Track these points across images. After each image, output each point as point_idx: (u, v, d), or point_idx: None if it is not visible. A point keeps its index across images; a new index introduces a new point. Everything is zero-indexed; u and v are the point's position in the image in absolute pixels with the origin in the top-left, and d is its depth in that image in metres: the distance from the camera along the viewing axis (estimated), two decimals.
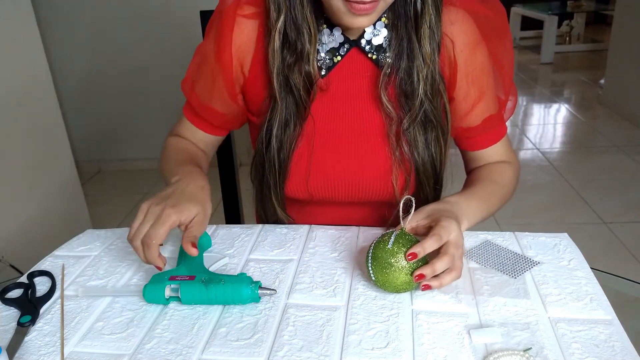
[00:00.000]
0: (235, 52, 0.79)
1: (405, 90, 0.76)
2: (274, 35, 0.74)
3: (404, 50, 0.75)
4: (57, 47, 2.80)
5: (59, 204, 1.94)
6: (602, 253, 2.01)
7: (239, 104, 0.84)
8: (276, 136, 0.79)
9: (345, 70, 0.79)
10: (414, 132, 0.78)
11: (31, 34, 1.81)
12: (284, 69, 0.75)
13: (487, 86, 0.81)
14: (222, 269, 0.72)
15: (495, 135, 0.85)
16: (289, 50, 0.75)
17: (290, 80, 0.76)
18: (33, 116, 1.81)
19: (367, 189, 0.82)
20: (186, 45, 2.76)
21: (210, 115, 0.86)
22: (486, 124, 0.83)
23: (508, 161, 0.87)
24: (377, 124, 0.80)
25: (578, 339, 0.56)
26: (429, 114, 0.77)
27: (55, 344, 0.59)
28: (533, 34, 6.07)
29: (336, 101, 0.80)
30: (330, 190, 0.83)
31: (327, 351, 0.55)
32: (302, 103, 0.77)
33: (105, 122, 3.04)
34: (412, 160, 0.79)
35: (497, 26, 0.81)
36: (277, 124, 0.78)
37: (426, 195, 0.83)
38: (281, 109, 0.77)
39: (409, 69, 0.75)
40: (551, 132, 3.45)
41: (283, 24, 0.73)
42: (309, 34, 0.73)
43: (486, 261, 0.70)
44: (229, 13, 0.78)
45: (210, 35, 0.81)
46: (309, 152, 0.81)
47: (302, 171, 0.81)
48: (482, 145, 0.86)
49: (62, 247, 0.81)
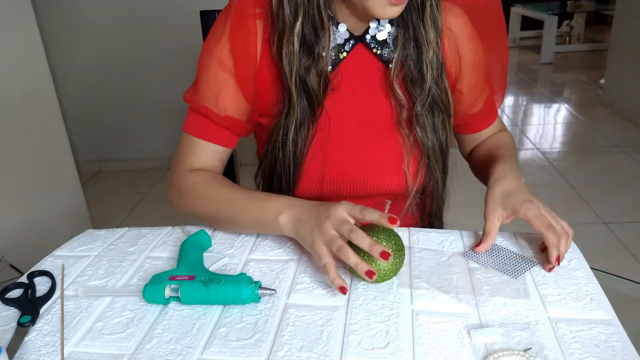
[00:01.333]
0: (250, 53, 0.78)
1: (413, 78, 0.79)
2: (292, 40, 0.73)
3: (410, 38, 0.77)
4: (57, 47, 2.80)
5: (59, 204, 1.94)
6: (602, 253, 2.01)
7: (252, 106, 0.82)
8: (292, 139, 0.79)
9: (351, 66, 0.80)
10: (423, 116, 0.80)
11: (31, 34, 1.81)
12: (301, 72, 0.75)
13: (484, 73, 0.86)
14: (222, 269, 0.72)
15: (491, 116, 0.92)
16: (305, 53, 0.74)
17: (307, 82, 0.75)
18: (33, 116, 1.81)
19: (380, 180, 0.83)
20: (186, 45, 2.76)
21: (225, 122, 0.80)
22: (486, 107, 0.89)
23: (502, 129, 0.96)
24: (387, 115, 0.82)
25: (578, 339, 0.56)
26: (436, 97, 0.80)
27: (55, 344, 0.59)
28: (533, 34, 6.08)
29: (344, 97, 0.81)
30: (342, 186, 0.83)
31: (327, 351, 0.55)
32: (316, 103, 0.78)
33: (105, 122, 3.04)
34: (423, 145, 0.82)
35: (491, 14, 0.85)
36: (294, 127, 0.78)
37: (436, 180, 0.86)
38: (297, 112, 0.77)
39: (416, 56, 0.78)
40: (551, 132, 3.45)
41: (301, 26, 0.72)
42: (323, 35, 0.74)
43: (486, 261, 0.70)
44: (240, 15, 0.77)
45: (222, 40, 0.77)
46: (322, 151, 0.81)
47: (315, 171, 0.82)
48: (484, 125, 0.93)
49: (62, 247, 0.81)
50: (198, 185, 0.80)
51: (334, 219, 0.64)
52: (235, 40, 0.77)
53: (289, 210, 0.70)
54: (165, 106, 2.93)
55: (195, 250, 0.72)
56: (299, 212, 0.69)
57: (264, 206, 0.73)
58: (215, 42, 0.78)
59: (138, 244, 0.80)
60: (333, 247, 0.63)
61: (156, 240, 0.80)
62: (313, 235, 0.65)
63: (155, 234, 0.82)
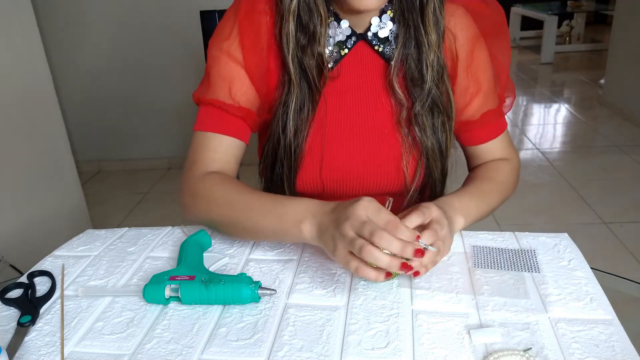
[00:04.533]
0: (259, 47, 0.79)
1: (413, 77, 0.79)
2: (288, 18, 0.75)
3: (411, 38, 0.78)
4: (57, 47, 2.80)
5: (59, 204, 1.94)
6: (602, 253, 2.01)
7: (262, 101, 0.81)
8: (292, 119, 0.79)
9: (353, 63, 0.81)
10: (422, 117, 0.80)
11: (31, 34, 1.81)
12: (298, 51, 0.77)
13: (485, 81, 0.84)
14: (222, 269, 0.72)
15: (495, 130, 0.88)
16: (302, 32, 0.76)
17: (303, 62, 0.77)
18: (33, 116, 1.81)
19: (379, 179, 0.84)
20: (186, 45, 2.76)
21: (240, 112, 0.78)
22: (485, 118, 0.86)
23: (507, 158, 0.89)
24: (387, 113, 0.82)
25: (578, 339, 0.56)
26: (436, 99, 0.80)
27: (55, 344, 0.59)
28: (533, 34, 6.07)
29: (346, 93, 0.81)
30: (342, 183, 0.84)
31: (327, 351, 0.55)
32: (315, 87, 0.78)
33: (105, 122, 3.04)
34: (422, 146, 0.81)
35: (494, 22, 0.84)
36: (293, 107, 0.79)
37: (434, 182, 0.85)
38: (297, 92, 0.78)
39: (417, 56, 0.78)
40: (551, 132, 3.45)
41: (297, 6, 0.75)
42: (319, 16, 0.75)
43: (486, 261, 0.70)
44: (249, 10, 0.78)
45: (232, 35, 0.78)
46: (321, 141, 0.81)
47: (315, 161, 0.82)
48: (481, 139, 0.88)
49: (62, 247, 0.81)
50: (213, 188, 0.75)
51: (353, 220, 0.58)
52: (244, 35, 0.78)
53: (310, 217, 0.65)
54: (166, 106, 2.94)
55: (195, 250, 0.72)
56: (320, 219, 0.64)
57: (285, 212, 0.67)
58: (225, 37, 0.79)
59: (138, 244, 0.80)
60: (354, 249, 0.57)
61: (156, 240, 0.80)
62: (335, 241, 0.60)
63: (155, 234, 0.82)
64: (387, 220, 0.58)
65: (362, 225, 0.57)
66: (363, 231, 0.57)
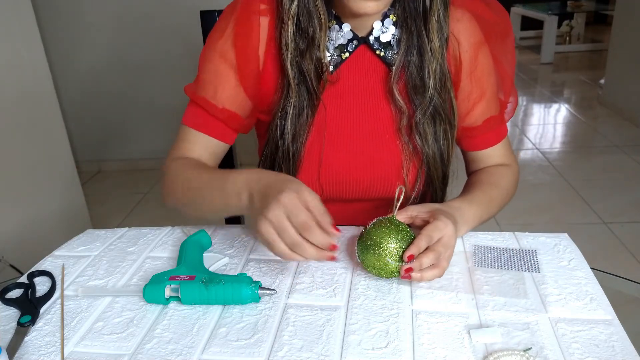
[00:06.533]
0: (252, 49, 0.78)
1: (415, 85, 0.78)
2: (288, 22, 0.75)
3: (414, 45, 0.77)
4: (57, 47, 2.80)
5: (59, 204, 1.94)
6: (602, 253, 2.01)
7: (253, 103, 0.82)
8: (291, 123, 0.79)
9: (354, 67, 0.80)
10: (424, 125, 0.79)
11: (31, 34, 1.81)
12: (296, 56, 0.76)
13: (488, 87, 0.83)
14: (222, 269, 0.72)
15: (496, 136, 0.87)
16: (301, 36, 0.76)
17: (302, 67, 0.76)
18: (33, 116, 1.81)
19: (379, 185, 0.83)
20: (186, 45, 2.76)
21: (222, 115, 0.80)
22: (487, 125, 0.84)
23: (507, 164, 0.88)
24: (387, 119, 0.81)
25: (578, 339, 0.56)
26: (438, 107, 0.79)
27: (55, 344, 0.59)
28: (533, 34, 6.07)
29: (346, 97, 0.81)
30: (341, 187, 0.83)
31: (327, 351, 0.55)
32: (314, 91, 0.78)
33: (105, 122, 3.04)
34: (423, 154, 0.81)
35: (500, 28, 0.83)
36: (292, 112, 0.78)
37: (435, 190, 0.85)
38: (295, 96, 0.78)
39: (419, 63, 0.77)
40: (551, 132, 3.45)
41: (296, 10, 0.74)
42: (319, 20, 0.75)
43: (486, 261, 0.70)
44: (245, 11, 0.78)
45: (226, 33, 0.78)
46: (320, 145, 0.81)
47: (313, 166, 0.82)
48: (482, 145, 0.87)
49: (62, 247, 0.81)
50: (178, 169, 0.78)
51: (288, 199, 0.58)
52: (238, 35, 0.78)
53: (247, 188, 0.64)
54: (165, 106, 2.93)
55: (195, 250, 0.72)
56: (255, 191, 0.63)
57: (226, 185, 0.67)
58: (219, 36, 0.79)
59: (138, 244, 0.80)
60: (284, 239, 0.58)
61: (156, 240, 0.80)
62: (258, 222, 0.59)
63: (155, 234, 0.82)
64: (302, 222, 0.58)
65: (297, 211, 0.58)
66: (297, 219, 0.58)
